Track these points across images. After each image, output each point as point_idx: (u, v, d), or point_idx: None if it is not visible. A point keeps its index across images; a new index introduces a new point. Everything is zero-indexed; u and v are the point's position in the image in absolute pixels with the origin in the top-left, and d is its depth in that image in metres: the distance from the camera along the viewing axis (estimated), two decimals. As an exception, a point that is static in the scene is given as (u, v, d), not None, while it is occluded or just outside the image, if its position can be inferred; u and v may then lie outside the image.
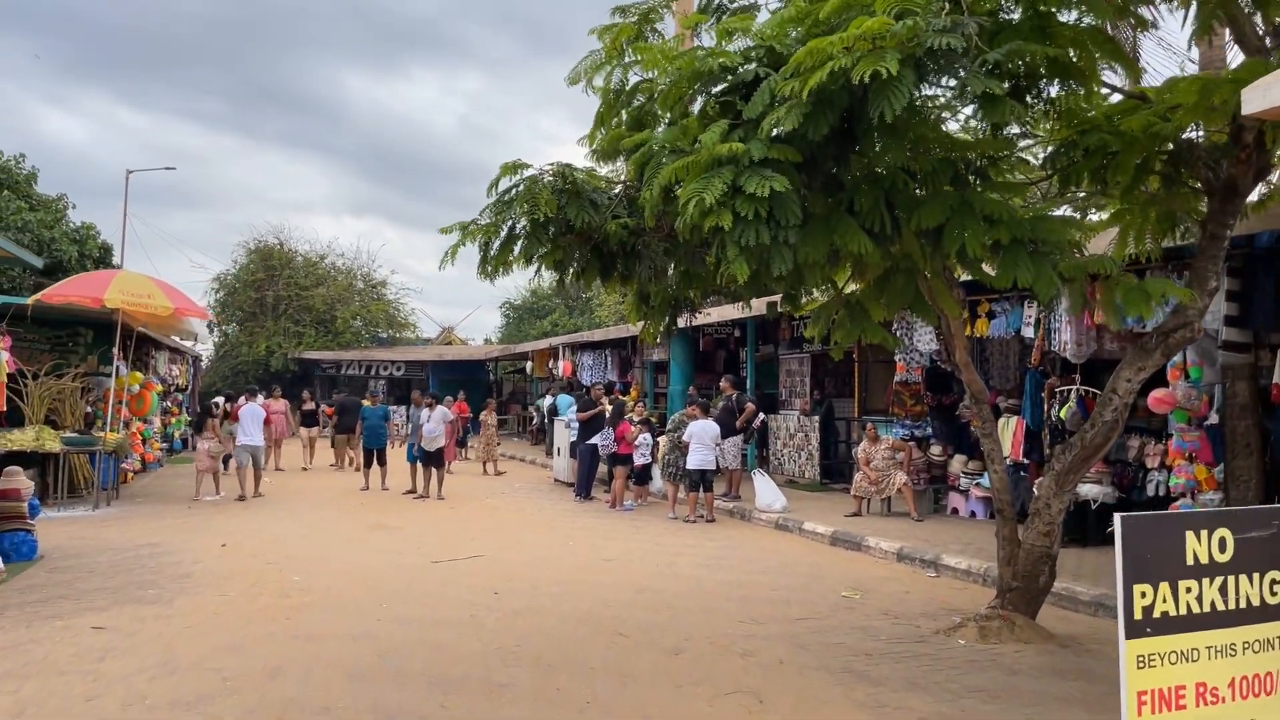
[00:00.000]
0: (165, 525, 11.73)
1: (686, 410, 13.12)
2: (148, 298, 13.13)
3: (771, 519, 12.13)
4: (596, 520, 12.58)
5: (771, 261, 4.53)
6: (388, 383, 34.21)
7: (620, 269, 5.69)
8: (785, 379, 17.26)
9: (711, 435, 12.45)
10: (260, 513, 13.04)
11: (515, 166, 5.09)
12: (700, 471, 12.36)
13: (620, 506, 13.48)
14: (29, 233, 18.65)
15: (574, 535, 11.25)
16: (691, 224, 4.52)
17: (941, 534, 10.71)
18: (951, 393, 13.14)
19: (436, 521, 12.33)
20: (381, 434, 16.28)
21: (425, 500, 14.76)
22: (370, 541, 10.61)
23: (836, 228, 5.02)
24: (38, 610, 7.08)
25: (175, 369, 22.45)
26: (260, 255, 36.58)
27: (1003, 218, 5.19)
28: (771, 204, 4.45)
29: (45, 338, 15.74)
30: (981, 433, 7.01)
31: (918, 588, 8.48)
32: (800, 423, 16.33)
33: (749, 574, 8.90)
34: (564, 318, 38.70)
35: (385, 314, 37.91)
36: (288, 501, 14.34)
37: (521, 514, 13.28)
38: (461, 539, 10.82)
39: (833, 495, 14.36)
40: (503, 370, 35.92)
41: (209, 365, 38.21)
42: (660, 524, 12.30)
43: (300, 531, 11.28)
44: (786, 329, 17.14)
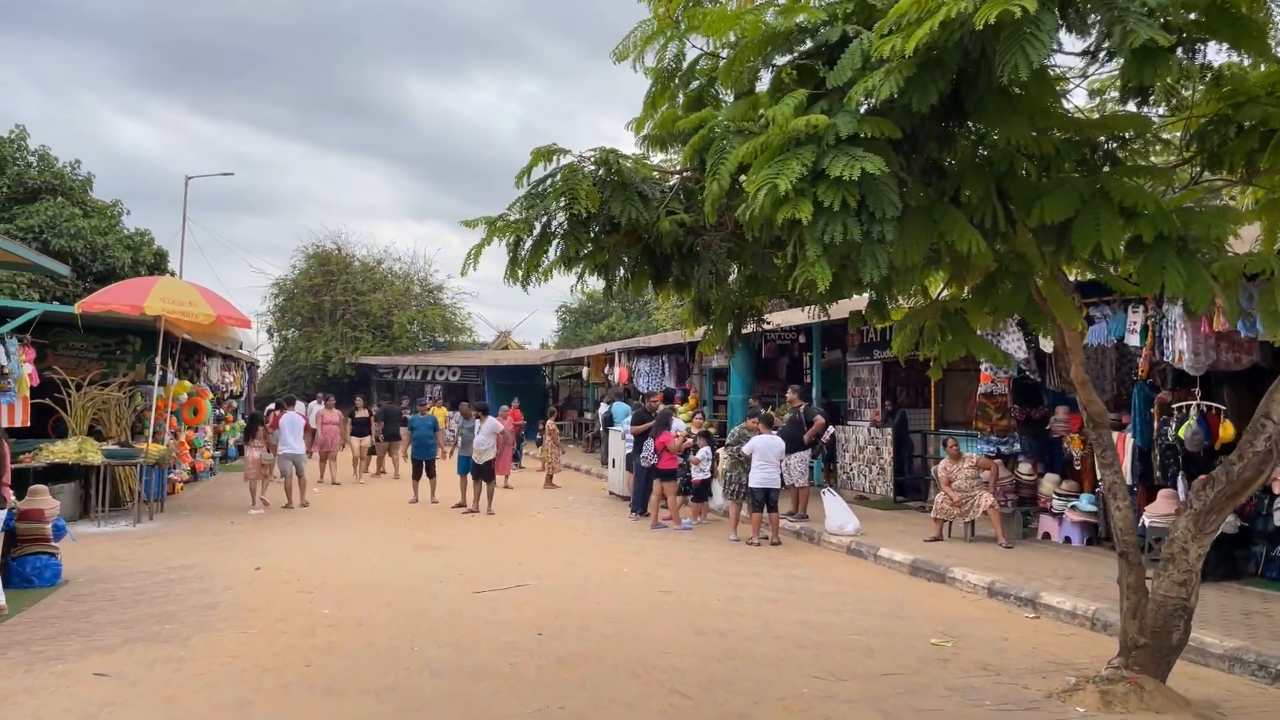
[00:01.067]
0: (203, 543, 11.23)
1: (747, 423, 12.20)
2: (189, 305, 12.69)
3: (843, 543, 11.15)
4: (652, 542, 11.74)
5: (861, 264, 3.64)
6: (443, 388, 33.85)
7: (676, 273, 4.83)
8: (854, 388, 16.21)
9: (777, 452, 11.53)
10: (304, 529, 12.49)
11: (550, 152, 4.27)
12: (764, 490, 11.44)
13: (659, 525, 12.61)
14: (82, 239, 18.55)
15: (628, 559, 10.43)
16: (761, 218, 3.66)
17: (1035, 564, 9.63)
18: (1042, 406, 12.00)
19: (484, 541, 11.62)
20: (430, 445, 15.68)
21: (475, 515, 14.09)
22: (412, 565, 9.92)
23: (941, 222, 4.10)
24: (42, 650, 6.50)
25: (229, 376, 22.24)
26: (318, 260, 36.60)
27: (1145, 209, 4.21)
28: (863, 191, 3.56)
29: (93, 346, 15.47)
30: (1101, 462, 5.99)
31: (1017, 632, 7.45)
32: (871, 435, 15.28)
33: (822, 612, 7.97)
34: (621, 321, 37.96)
35: (441, 318, 37.62)
36: (334, 516, 13.80)
37: (573, 533, 12.50)
38: (508, 563, 10.08)
39: (908, 515, 13.29)
40: (558, 375, 35.32)
41: (268, 370, 38.42)
42: (721, 546, 11.41)
43: (341, 552, 10.67)
44: (856, 334, 16.08)
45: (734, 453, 11.99)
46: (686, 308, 5.82)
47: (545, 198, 4.25)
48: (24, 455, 12.67)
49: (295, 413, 16.13)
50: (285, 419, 15.33)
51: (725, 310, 5.51)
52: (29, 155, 20.08)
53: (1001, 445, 11.70)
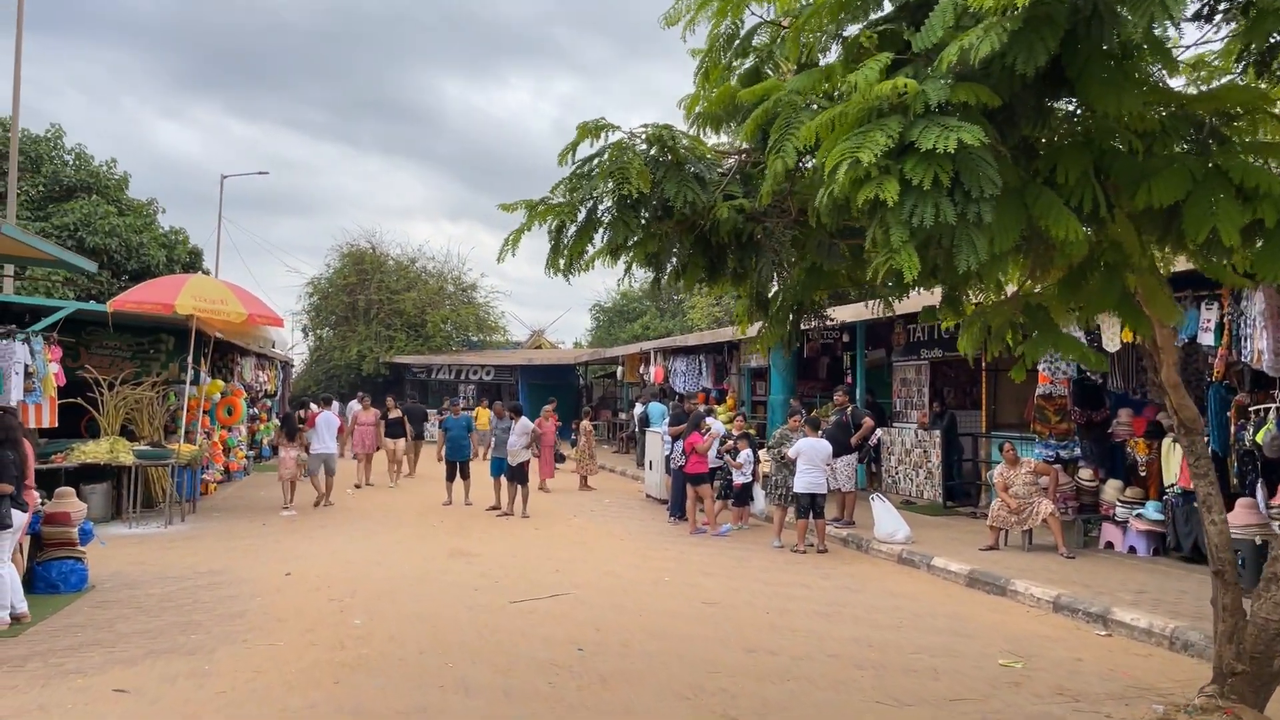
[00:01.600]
0: (234, 546, 10.99)
1: (789, 423, 11.72)
2: (220, 303, 12.48)
3: (893, 551, 10.65)
4: (693, 548, 11.31)
5: (956, 250, 3.19)
6: (477, 387, 33.67)
7: (733, 264, 4.40)
8: (900, 388, 15.65)
9: (823, 455, 11.04)
10: (336, 532, 12.22)
11: (598, 128, 3.86)
12: (810, 495, 10.97)
13: (698, 530, 12.16)
14: (116, 237, 18.50)
15: (669, 567, 10.01)
16: (838, 199, 3.23)
17: (1101, 576, 9.07)
18: (1103, 408, 11.40)
19: (519, 546, 11.26)
20: (465, 446, 15.37)
21: (509, 518, 13.76)
22: (446, 573, 9.58)
23: (1033, 205, 3.63)
24: (61, 663, 6.22)
25: (263, 375, 22.15)
26: (352, 259, 36.59)
27: (1268, 190, 3.72)
28: (957, 167, 3.11)
29: (126, 345, 15.35)
30: (1195, 472, 5.46)
31: (1090, 652, 6.93)
32: (918, 437, 14.73)
33: (878, 628, 7.49)
34: (655, 320, 37.55)
35: (475, 317, 37.46)
36: (367, 519, 13.53)
37: (610, 538, 12.11)
38: (545, 570, 9.71)
39: (959, 522, 12.74)
40: (592, 374, 34.99)
41: (303, 369, 38.51)
42: (765, 554, 10.95)
43: (373, 557, 10.36)
44: (902, 332, 15.55)
45: (777, 454, 11.54)
46: (741, 306, 5.39)
47: (591, 178, 3.85)
48: (55, 455, 12.56)
49: (331, 412, 16.20)
50: (321, 418, 15.47)
51: (784, 305, 5.07)
52: (65, 154, 20.14)
53: (1061, 449, 11.13)
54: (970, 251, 3.18)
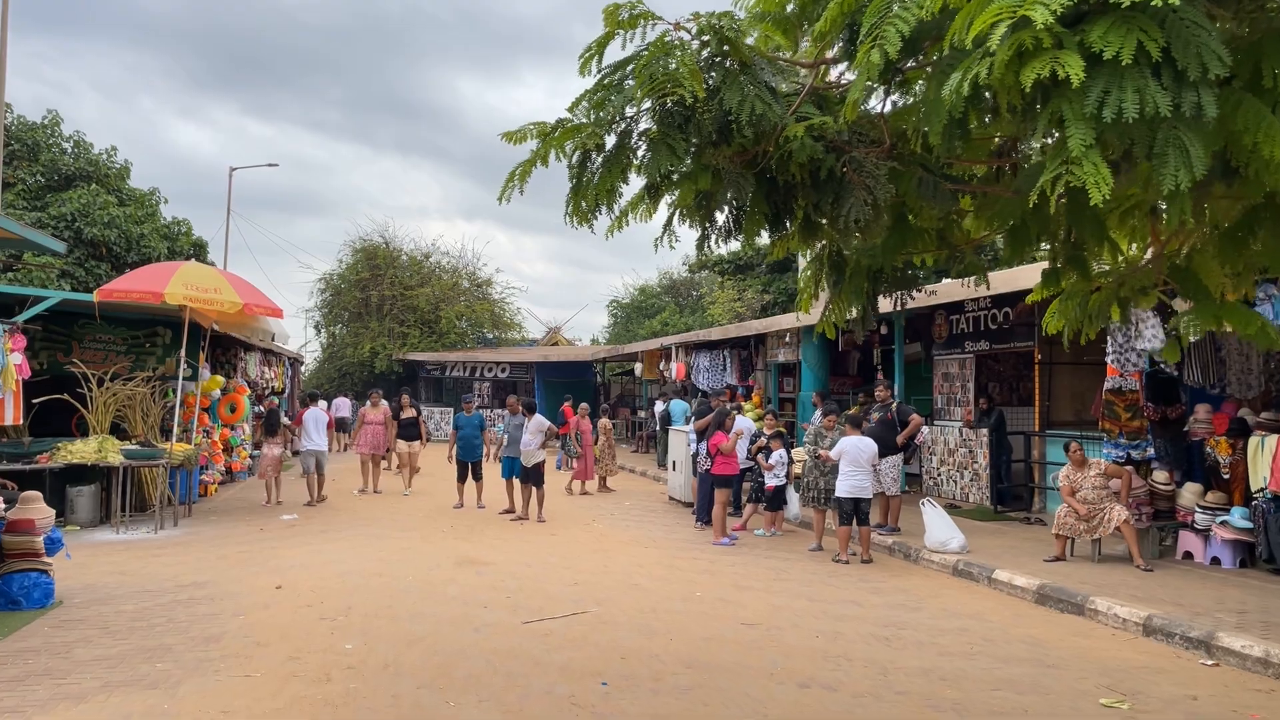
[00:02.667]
0: (226, 554, 10.10)
1: (824, 420, 10.72)
2: (214, 292, 11.60)
3: (946, 562, 9.63)
4: (725, 557, 10.32)
5: (1159, 160, 2.19)
6: (491, 385, 32.79)
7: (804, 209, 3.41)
8: (941, 384, 14.61)
9: (868, 455, 10.04)
10: (336, 539, 11.33)
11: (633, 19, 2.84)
12: (854, 500, 9.97)
13: (726, 539, 11.16)
14: (116, 228, 17.70)
15: (699, 580, 9.03)
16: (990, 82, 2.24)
17: (1189, 592, 8.02)
18: (1179, 404, 10.34)
19: (534, 555, 10.32)
20: (476, 446, 14.44)
21: (524, 523, 12.82)
22: (452, 585, 8.64)
23: (1235, 114, 2.63)
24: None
25: (270, 371, 21.35)
26: (365, 254, 35.83)
27: None
28: (1168, 35, 2.12)
29: (121, 339, 14.53)
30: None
31: (1202, 687, 5.90)
32: (963, 436, 13.68)
33: (948, 656, 6.49)
34: (674, 316, 36.57)
35: (490, 313, 36.60)
36: (373, 523, 12.62)
37: (633, 545, 11.14)
38: (561, 583, 8.76)
39: (1012, 528, 11.69)
40: (609, 372, 34.06)
41: (317, 366, 37.77)
42: (805, 563, 9.96)
43: (374, 567, 9.44)
44: (943, 324, 14.50)
45: (812, 453, 10.55)
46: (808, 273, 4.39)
47: (624, 90, 2.87)
48: (40, 455, 11.73)
49: (319, 409, 15.89)
50: (309, 414, 15.44)
51: (859, 271, 4.08)
52: (63, 142, 19.38)
53: (1132, 449, 10.06)
54: (1181, 162, 2.20)
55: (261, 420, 17.94)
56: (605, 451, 17.00)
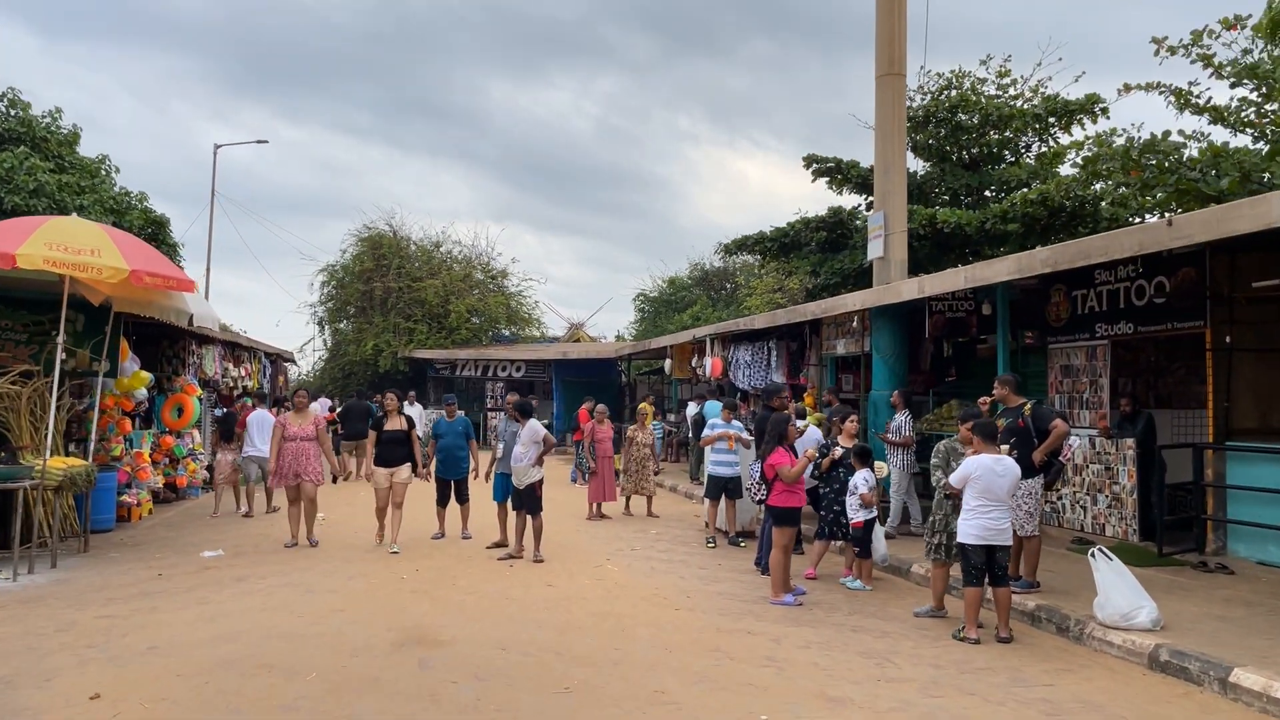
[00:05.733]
0: (77, 619, 7.08)
1: (963, 428, 7.44)
2: (91, 254, 8.57)
3: (1134, 645, 6.32)
4: (791, 629, 7.10)
5: None
6: (506, 385, 29.74)
7: None
8: (1059, 380, 11.26)
9: (1009, 483, 6.79)
10: (253, 588, 8.26)
11: None
12: (987, 549, 6.72)
13: (787, 597, 7.90)
14: (45, 197, 14.79)
15: (762, 677, 5.82)
16: None
17: None
18: None
19: (516, 622, 7.16)
20: (461, 460, 11.33)
21: (516, 563, 9.68)
22: (375, 690, 5.49)
23: None
24: None
25: (241, 369, 18.40)
26: (370, 244, 32.96)
27: None
28: None
29: (22, 324, 11.57)
30: None
31: None
32: (1096, 449, 10.34)
33: None
34: (706, 310, 33.29)
35: (505, 308, 33.56)
36: (313, 564, 9.54)
37: (658, 605, 7.94)
38: (550, 682, 5.59)
39: (1192, 579, 8.34)
40: (635, 370, 30.88)
41: (321, 367, 34.98)
42: (916, 642, 6.70)
43: (274, 650, 6.34)
44: (1063, 301, 11.16)
45: (940, 479, 7.33)
46: None
47: None
48: None
49: (264, 411, 14.01)
50: (253, 418, 13.53)
51: None
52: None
53: None
54: None
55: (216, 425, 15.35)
56: (642, 466, 13.64)
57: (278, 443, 10.50)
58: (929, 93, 19.87)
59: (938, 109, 19.33)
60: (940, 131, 19.70)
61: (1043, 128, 18.91)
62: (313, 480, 10.53)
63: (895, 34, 12.52)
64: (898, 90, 12.66)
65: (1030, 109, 18.89)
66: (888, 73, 12.59)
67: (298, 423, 10.66)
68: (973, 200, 19.36)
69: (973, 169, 19.89)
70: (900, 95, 12.77)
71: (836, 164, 20.01)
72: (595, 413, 13.93)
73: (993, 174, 19.48)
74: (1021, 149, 20.07)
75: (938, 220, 17.09)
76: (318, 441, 10.69)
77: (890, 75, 12.60)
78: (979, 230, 16.88)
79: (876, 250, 12.98)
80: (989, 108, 18.74)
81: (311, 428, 10.66)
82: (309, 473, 10.50)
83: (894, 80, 12.62)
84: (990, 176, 19.40)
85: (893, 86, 12.61)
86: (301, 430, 10.58)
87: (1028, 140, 19.73)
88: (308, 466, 10.51)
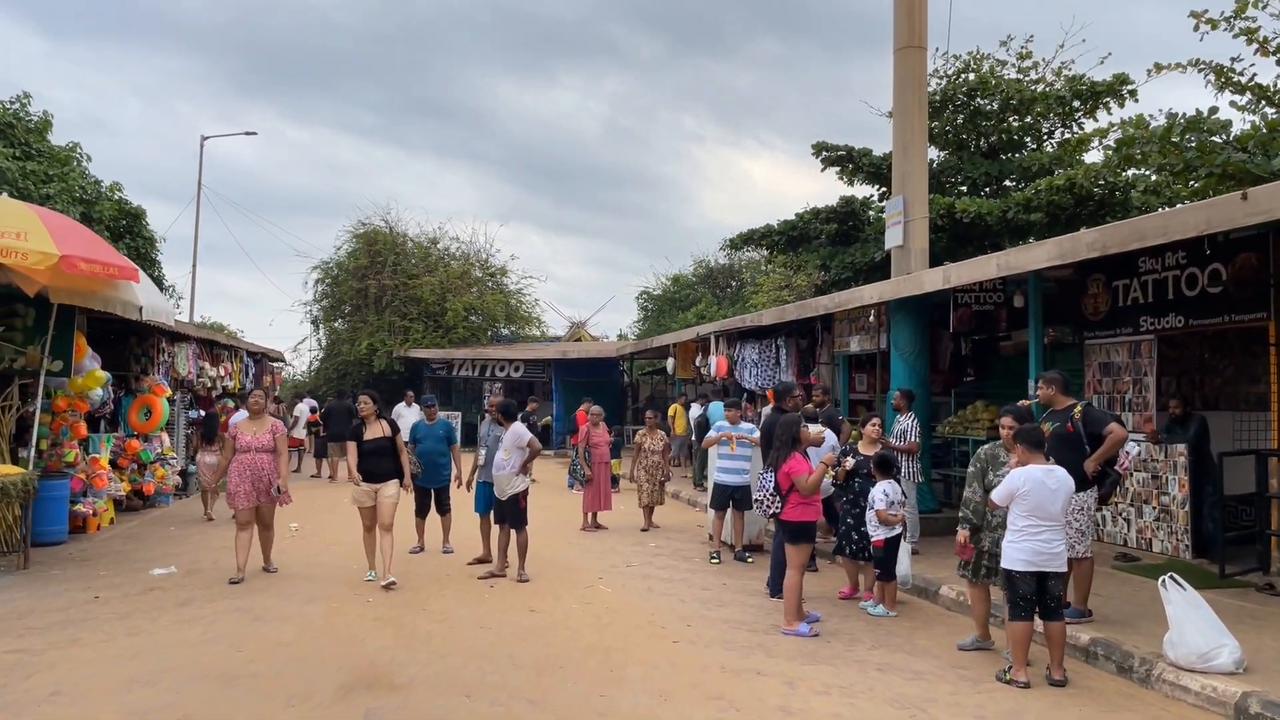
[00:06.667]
0: (-18, 656, 6.12)
1: (1004, 424, 6.44)
2: (16, 238, 7.63)
3: (1216, 693, 5.32)
4: (807, 667, 6.11)
5: None
6: (504, 386, 28.79)
7: None
8: (1096, 380, 10.25)
9: (1063, 498, 5.80)
10: (196, 614, 7.31)
11: None
12: (1039, 576, 5.73)
13: (800, 627, 6.91)
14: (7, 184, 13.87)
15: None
16: None
17: None
18: None
19: (488, 658, 6.19)
20: (441, 465, 10.38)
21: (498, 582, 8.71)
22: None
23: None
24: None
25: (220, 369, 17.46)
26: (365, 240, 32.03)
27: None
28: None
29: (-39, 320, 10.66)
30: None
31: None
32: (1142, 454, 9.33)
33: None
34: (711, 308, 32.30)
35: (504, 306, 32.59)
36: (268, 586, 8.57)
37: (657, 633, 6.97)
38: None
39: (1260, 605, 7.32)
40: (638, 370, 29.90)
41: (318, 367, 34.06)
42: (954, 684, 5.71)
43: (203, 686, 5.39)
44: (1100, 292, 10.16)
45: (979, 490, 6.34)
46: None
47: None
48: None
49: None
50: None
51: None
52: (-44, 83, 15.74)
53: None
54: None
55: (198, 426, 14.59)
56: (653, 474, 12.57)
57: (229, 454, 8.83)
58: (945, 76, 18.83)
59: (955, 93, 18.30)
60: (958, 118, 18.67)
61: (1066, 112, 17.86)
62: (269, 500, 8.87)
63: (915, 1, 11.51)
64: (918, 64, 11.64)
65: (1054, 91, 17.83)
66: (907, 45, 11.58)
67: (252, 430, 8.83)
68: (992, 190, 18.33)
69: (991, 157, 18.86)
70: (921, 69, 11.75)
71: (848, 152, 18.99)
72: (591, 415, 12.95)
73: (1013, 162, 18.44)
74: (1043, 135, 19.02)
75: (956, 210, 16.06)
76: (274, 454, 8.88)
77: (910, 48, 11.58)
78: (1000, 220, 15.85)
79: (895, 238, 11.98)
80: (1010, 90, 17.70)
81: (268, 436, 8.83)
82: (265, 491, 8.80)
83: (914, 53, 11.60)
84: (1010, 165, 18.35)
85: (912, 60, 11.59)
86: (256, 440, 8.77)
87: (1050, 126, 18.68)
88: (263, 484, 8.78)
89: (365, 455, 8.61)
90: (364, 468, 8.59)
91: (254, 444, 8.75)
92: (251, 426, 8.90)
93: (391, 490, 8.61)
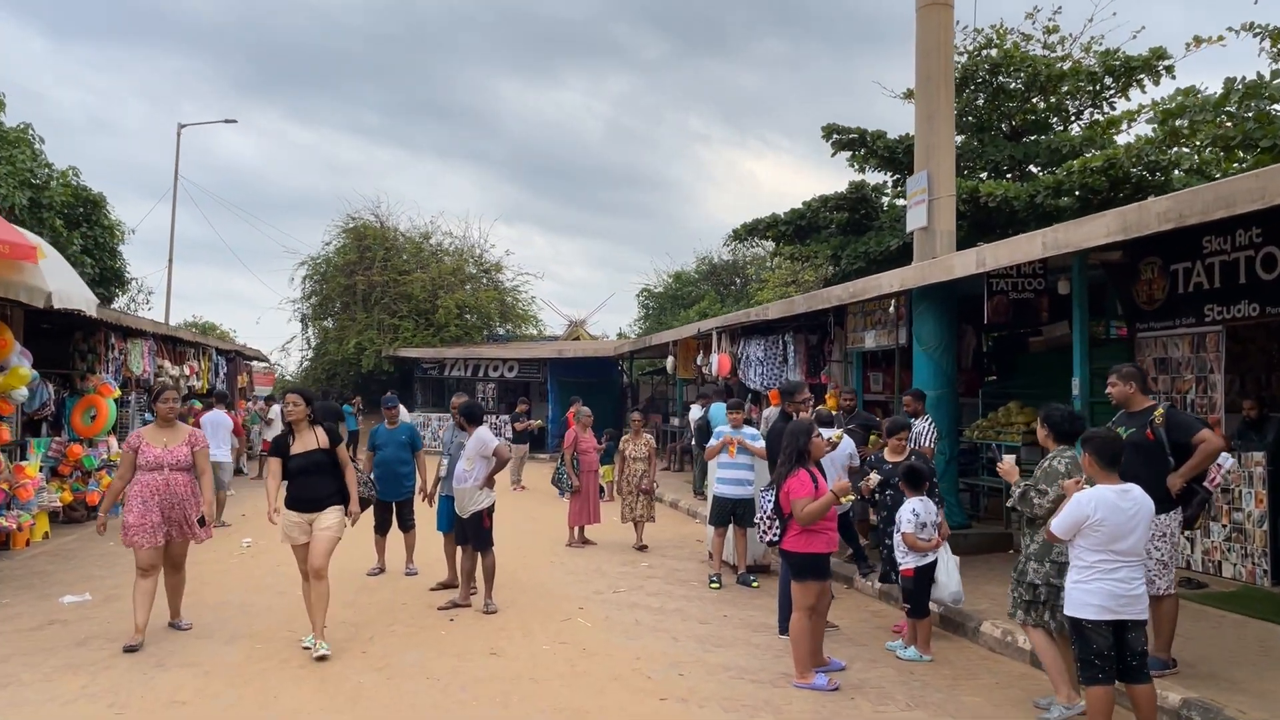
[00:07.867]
0: None
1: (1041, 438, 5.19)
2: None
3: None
4: (826, 736, 4.85)
5: None
6: (498, 386, 27.56)
7: None
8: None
9: (1145, 524, 4.54)
10: (89, 660, 6.09)
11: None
12: (1117, 625, 4.47)
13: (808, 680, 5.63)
14: (-59, 166, 12.68)
15: None
16: None
17: None
18: None
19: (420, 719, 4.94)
20: (403, 476, 9.14)
21: (460, 613, 7.47)
22: None
23: None
24: None
25: (185, 367, 16.26)
26: (354, 235, 30.85)
27: None
28: None
29: None
30: None
31: None
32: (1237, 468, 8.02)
33: None
34: (714, 306, 31.02)
35: (499, 303, 31.36)
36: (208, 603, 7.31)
37: (641, 686, 5.71)
38: None
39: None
40: (638, 370, 28.64)
41: (307, 367, 32.91)
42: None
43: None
44: (1157, 277, 8.87)
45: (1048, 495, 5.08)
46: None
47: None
48: None
49: (220, 412, 12.99)
50: (207, 419, 12.57)
51: None
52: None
53: None
54: None
55: None
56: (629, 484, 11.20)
57: (126, 473, 6.62)
58: (966, 52, 17.54)
59: (976, 70, 17.00)
60: (979, 97, 17.38)
61: (1096, 90, 16.56)
62: (184, 536, 6.69)
63: (940, -50, 10.23)
64: (944, 22, 10.33)
65: (1084, 68, 16.53)
66: (932, 1, 10.27)
67: (162, 442, 6.62)
68: (1016, 175, 17.03)
69: (1015, 140, 17.56)
70: (947, 28, 10.45)
71: (860, 135, 17.70)
72: (580, 417, 11.69)
73: (1038, 145, 17.14)
74: (1070, 116, 17.72)
75: (980, 194, 14.77)
76: (194, 474, 6.70)
77: (934, 4, 10.26)
78: (1028, 205, 14.56)
79: (918, 219, 10.70)
80: (1036, 67, 16.39)
81: (185, 450, 6.63)
82: (181, 523, 6.61)
83: (939, 10, 10.27)
84: (1036, 147, 17.05)
85: (937, 17, 10.27)
86: (169, 454, 6.56)
87: (1078, 106, 17.38)
88: (179, 514, 6.58)
89: (294, 475, 6.40)
90: (293, 492, 6.40)
91: (165, 459, 6.54)
92: (161, 436, 6.66)
93: (330, 520, 6.36)
